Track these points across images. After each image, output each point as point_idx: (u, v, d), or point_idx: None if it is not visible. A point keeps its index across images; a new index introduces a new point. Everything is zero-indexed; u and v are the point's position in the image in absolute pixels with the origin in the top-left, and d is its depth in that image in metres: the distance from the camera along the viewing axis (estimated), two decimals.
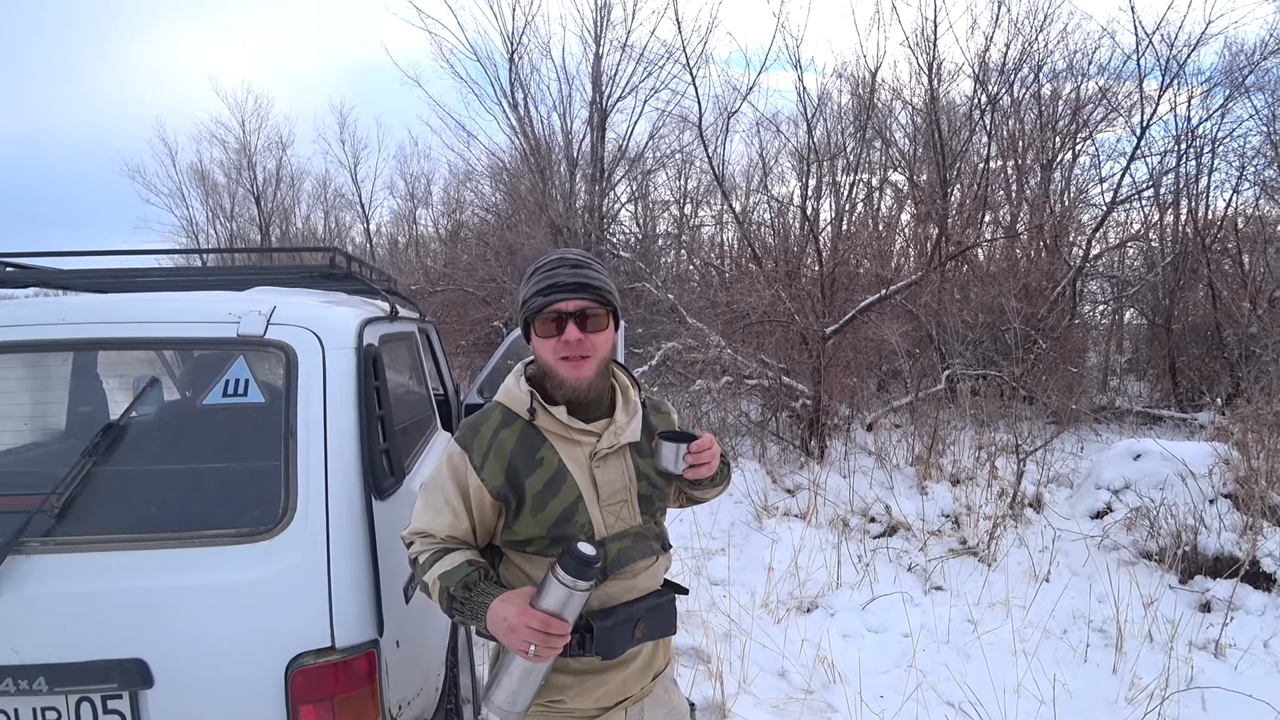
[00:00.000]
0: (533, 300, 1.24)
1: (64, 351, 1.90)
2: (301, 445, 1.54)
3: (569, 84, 11.15)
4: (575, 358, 1.23)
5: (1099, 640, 3.34)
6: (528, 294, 1.26)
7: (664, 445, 1.29)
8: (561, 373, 1.25)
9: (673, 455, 1.28)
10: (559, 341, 1.23)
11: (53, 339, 1.68)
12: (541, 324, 1.24)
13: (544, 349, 1.26)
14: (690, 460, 1.27)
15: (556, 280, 1.23)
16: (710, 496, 1.54)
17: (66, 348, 1.81)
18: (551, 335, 1.23)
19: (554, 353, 1.24)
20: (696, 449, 1.27)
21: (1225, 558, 3.81)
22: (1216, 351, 7.89)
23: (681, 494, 1.54)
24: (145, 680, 1.40)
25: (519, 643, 1.10)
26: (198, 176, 21.32)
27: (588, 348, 1.24)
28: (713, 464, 1.30)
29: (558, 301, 1.23)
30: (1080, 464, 5.94)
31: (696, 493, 1.50)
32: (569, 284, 1.23)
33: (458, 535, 1.29)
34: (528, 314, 1.27)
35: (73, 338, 1.69)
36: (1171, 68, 7.66)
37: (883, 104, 9.13)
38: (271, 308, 1.69)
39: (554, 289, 1.23)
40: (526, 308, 1.27)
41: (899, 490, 5.22)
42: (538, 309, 1.24)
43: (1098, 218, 8.51)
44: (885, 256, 8.95)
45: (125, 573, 1.44)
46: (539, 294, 1.24)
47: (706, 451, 1.28)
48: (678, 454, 1.27)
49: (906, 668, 3.13)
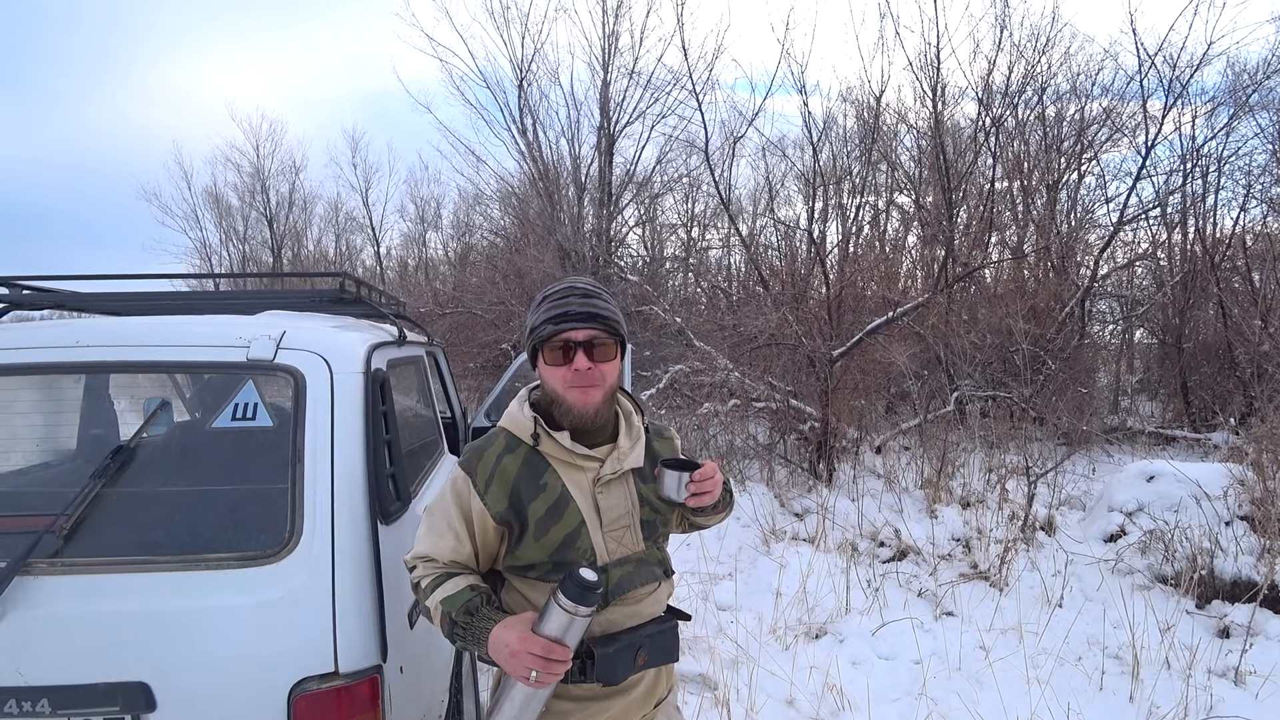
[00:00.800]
0: (542, 328, 1.25)
1: (76, 374, 1.93)
2: (309, 469, 1.55)
3: (577, 110, 11.35)
4: (583, 386, 1.25)
5: (1114, 667, 3.28)
6: (537, 321, 1.27)
7: (666, 474, 1.30)
8: (570, 399, 1.26)
9: (675, 484, 1.29)
10: (568, 370, 1.24)
11: (65, 361, 1.70)
12: (550, 352, 1.25)
13: (553, 376, 1.27)
14: (692, 489, 1.28)
15: (567, 309, 1.25)
16: (713, 523, 1.55)
17: (79, 370, 1.84)
18: (560, 363, 1.25)
19: (563, 380, 1.25)
20: (699, 478, 1.28)
21: (1243, 581, 3.74)
22: (1229, 370, 7.82)
23: (684, 520, 1.55)
24: (148, 704, 1.40)
25: (520, 669, 1.10)
26: (212, 199, 21.71)
27: (596, 376, 1.25)
28: (715, 492, 1.31)
29: (567, 330, 1.24)
30: (1092, 486, 5.87)
31: (700, 519, 1.50)
32: (579, 313, 1.24)
33: (460, 560, 1.29)
34: (536, 341, 1.27)
35: (85, 360, 1.71)
36: (1175, 87, 7.72)
37: (888, 127, 9.22)
38: (281, 332, 1.71)
39: (564, 318, 1.24)
40: (535, 335, 1.27)
41: (908, 514, 5.17)
42: (547, 336, 1.25)
43: (1105, 237, 8.51)
44: (892, 279, 8.96)
45: (131, 595, 1.44)
46: (549, 321, 1.25)
47: (709, 480, 1.29)
48: (680, 482, 1.28)
49: (917, 695, 3.08)
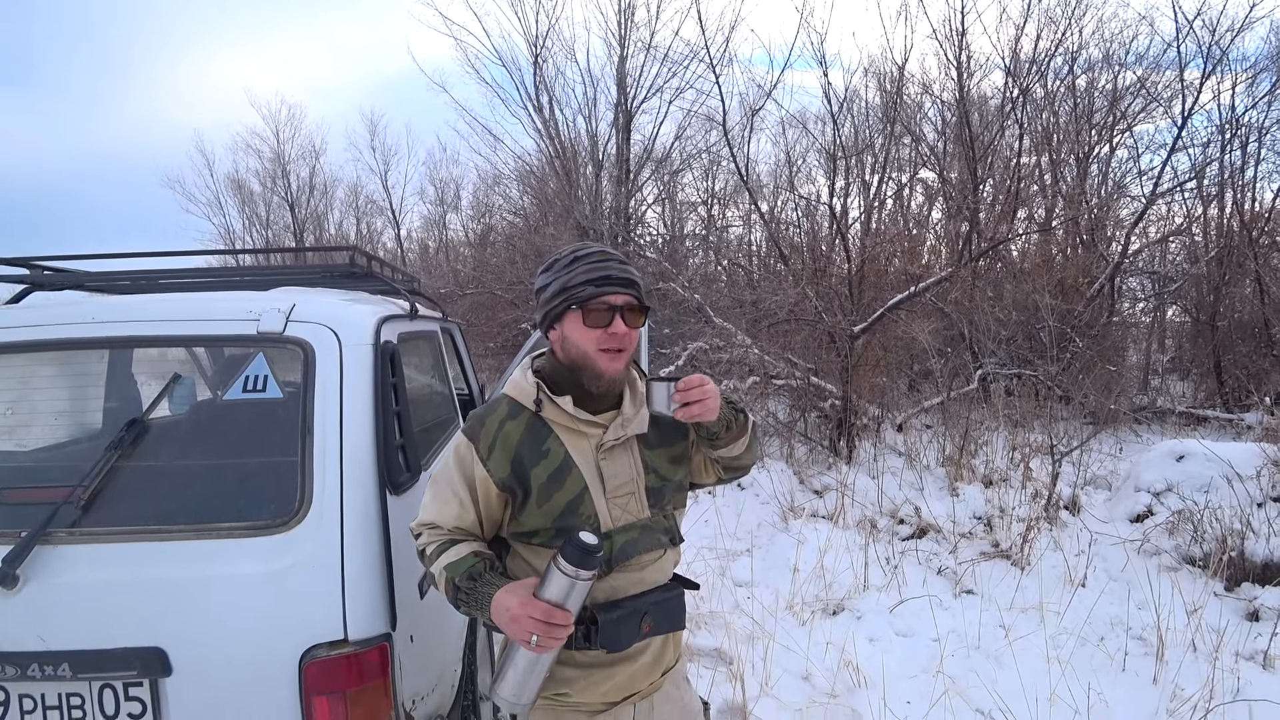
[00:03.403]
0: (582, 288, 1.23)
1: (88, 349, 1.95)
2: (318, 440, 1.56)
3: (594, 86, 11.22)
4: (614, 350, 1.24)
5: (1138, 649, 3.22)
6: (574, 281, 1.24)
7: (653, 386, 1.24)
8: (601, 364, 1.24)
9: (663, 396, 1.23)
10: (605, 333, 1.23)
11: (78, 337, 1.73)
12: (590, 314, 1.23)
13: (586, 338, 1.24)
14: (680, 399, 1.21)
15: (609, 273, 1.24)
16: (739, 453, 1.37)
17: (93, 346, 1.86)
18: (599, 326, 1.23)
19: (596, 343, 1.24)
20: (684, 385, 1.21)
21: (1275, 564, 3.65)
22: (1265, 349, 7.58)
23: (711, 466, 1.42)
24: (164, 668, 1.43)
25: (521, 633, 1.10)
26: (234, 186, 21.95)
27: (629, 341, 1.25)
28: (709, 403, 1.22)
29: (610, 294, 1.23)
30: (1119, 465, 5.75)
31: (720, 452, 1.35)
32: (621, 278, 1.24)
33: (464, 526, 1.29)
34: (574, 301, 1.24)
35: (98, 335, 1.73)
36: (1214, 54, 7.39)
37: (911, 99, 8.98)
38: (291, 305, 1.72)
39: (607, 280, 1.23)
40: (571, 295, 1.24)
41: (929, 492, 5.11)
42: (588, 298, 1.23)
43: (1137, 212, 8.25)
44: (915, 254, 8.80)
45: (146, 563, 1.47)
46: (590, 283, 1.23)
47: (697, 389, 1.21)
48: (668, 393, 1.22)
49: (934, 673, 3.06)
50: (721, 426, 1.29)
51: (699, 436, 1.34)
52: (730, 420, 1.31)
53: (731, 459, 1.38)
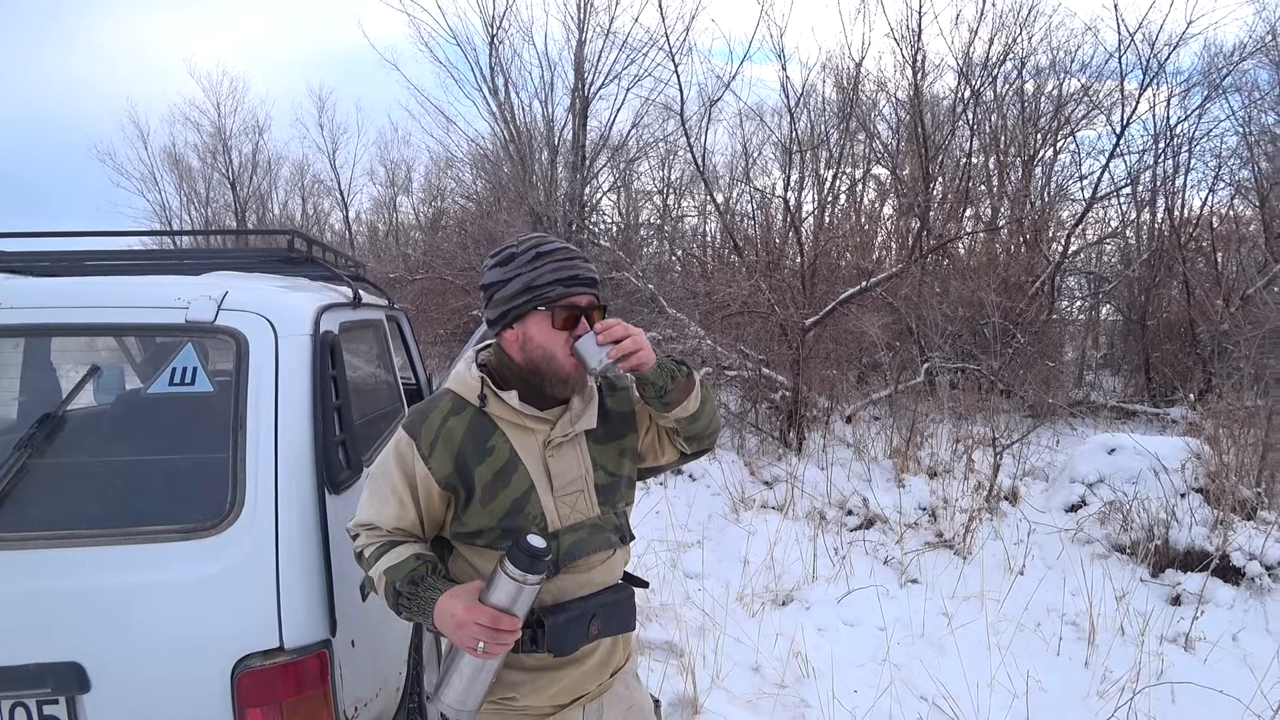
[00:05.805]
0: (551, 288, 1.19)
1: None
2: (250, 436, 1.48)
3: (551, 70, 11.00)
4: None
5: (1072, 634, 3.36)
6: (541, 280, 1.19)
7: (576, 344, 1.18)
8: (568, 366, 1.21)
9: (591, 348, 1.16)
10: (571, 335, 1.20)
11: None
12: (560, 315, 1.20)
13: (554, 340, 1.20)
14: (603, 340, 1.15)
15: (577, 272, 1.21)
16: (694, 410, 1.29)
17: (2, 334, 1.72)
18: (569, 328, 1.20)
19: (564, 345, 1.20)
20: (602, 327, 1.16)
21: (1196, 551, 3.85)
22: (1190, 348, 7.99)
23: (671, 439, 1.36)
24: (81, 685, 1.34)
25: (467, 639, 1.06)
26: (171, 160, 20.84)
27: None
28: (642, 351, 1.16)
29: (578, 295, 1.21)
30: (1056, 458, 5.98)
31: (675, 412, 1.27)
32: (588, 278, 1.22)
33: (404, 527, 1.24)
34: (542, 301, 1.19)
35: (10, 323, 1.60)
36: (1152, 67, 7.73)
37: (867, 96, 9.11)
38: (223, 293, 1.62)
39: (576, 280, 1.20)
40: (538, 294, 1.19)
41: (876, 483, 5.22)
42: (556, 298, 1.19)
43: (1077, 214, 8.57)
44: (866, 249, 8.96)
45: (62, 571, 1.37)
46: (560, 282, 1.19)
47: (617, 327, 1.15)
48: (594, 341, 1.16)
49: (881, 662, 3.13)
50: (666, 378, 1.23)
51: (647, 399, 1.26)
52: (674, 370, 1.25)
53: (690, 423, 1.31)
